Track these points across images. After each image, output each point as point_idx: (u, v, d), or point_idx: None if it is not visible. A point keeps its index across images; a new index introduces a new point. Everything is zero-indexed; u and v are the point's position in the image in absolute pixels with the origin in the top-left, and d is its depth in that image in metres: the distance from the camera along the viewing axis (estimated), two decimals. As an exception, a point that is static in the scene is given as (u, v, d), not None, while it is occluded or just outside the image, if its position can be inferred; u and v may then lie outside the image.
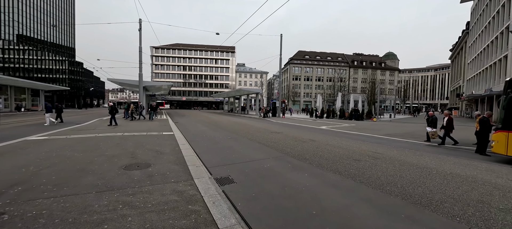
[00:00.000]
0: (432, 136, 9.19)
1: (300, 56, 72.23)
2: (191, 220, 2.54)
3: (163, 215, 2.64)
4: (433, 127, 9.23)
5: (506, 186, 4.02)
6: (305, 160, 5.69)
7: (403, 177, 4.44)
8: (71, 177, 3.91)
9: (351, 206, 3.11)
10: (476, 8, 37.35)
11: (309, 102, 68.73)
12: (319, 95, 31.24)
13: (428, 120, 9.52)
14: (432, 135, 9.17)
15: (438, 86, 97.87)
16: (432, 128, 9.22)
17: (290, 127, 15.12)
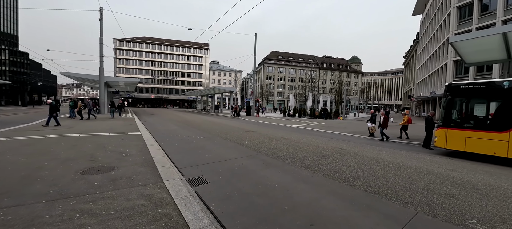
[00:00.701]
0: (371, 130, 10.74)
1: (273, 56, 73.73)
2: (161, 225, 2.42)
3: (129, 221, 2.46)
4: (372, 123, 10.75)
5: (445, 175, 4.72)
6: (278, 158, 5.85)
7: (364, 170, 4.89)
8: (14, 185, 3.38)
9: (320, 200, 3.31)
10: (424, 21, 42.84)
11: (282, 102, 70.68)
12: (292, 95, 32.38)
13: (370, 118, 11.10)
14: (372, 129, 10.72)
15: (394, 89, 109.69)
16: (371, 123, 10.74)
17: (264, 126, 15.37)
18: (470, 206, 3.18)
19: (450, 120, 7.07)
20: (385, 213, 2.94)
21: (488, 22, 23.30)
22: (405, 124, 10.44)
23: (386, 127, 10.19)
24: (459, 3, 26.38)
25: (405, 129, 10.59)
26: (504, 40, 7.67)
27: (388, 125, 11.07)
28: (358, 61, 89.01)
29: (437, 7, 33.10)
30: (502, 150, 5.98)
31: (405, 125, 10.48)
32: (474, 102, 7.01)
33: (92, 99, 28.88)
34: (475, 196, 3.56)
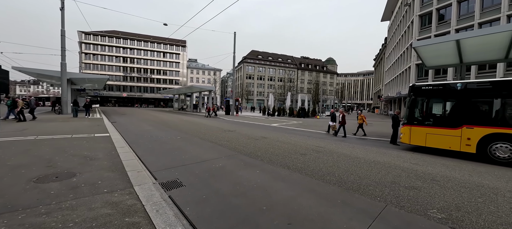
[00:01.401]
0: (333, 128, 11.46)
1: (253, 55, 73.91)
2: (128, 234, 2.21)
3: (91, 233, 2.21)
4: (333, 121, 11.47)
5: (409, 169, 5.12)
6: (257, 157, 5.82)
7: (339, 167, 5.09)
8: None
9: (298, 197, 3.34)
10: (391, 27, 46.44)
11: (262, 101, 71.21)
12: (271, 94, 32.77)
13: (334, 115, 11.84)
14: (333, 127, 11.43)
15: (366, 89, 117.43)
16: (332, 122, 11.48)
17: (244, 125, 15.29)
18: (431, 197, 3.48)
19: (413, 118, 7.72)
20: (358, 207, 3.07)
21: (444, 30, 26.08)
22: (360, 122, 11.70)
23: (344, 124, 10.96)
24: (421, 12, 29.10)
25: (361, 127, 11.69)
26: (457, 47, 8.60)
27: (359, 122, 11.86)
28: (333, 63, 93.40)
29: (402, 14, 36.13)
30: (456, 144, 6.71)
31: (361, 123, 11.68)
32: (433, 102, 7.74)
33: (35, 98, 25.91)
34: (435, 187, 3.91)
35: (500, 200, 3.45)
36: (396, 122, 9.13)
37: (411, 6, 31.32)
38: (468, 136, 6.51)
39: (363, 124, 11.66)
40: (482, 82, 6.58)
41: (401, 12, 37.00)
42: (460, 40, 8.14)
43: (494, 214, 2.95)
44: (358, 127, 11.80)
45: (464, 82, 6.79)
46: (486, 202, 3.35)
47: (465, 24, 24.22)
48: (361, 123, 11.67)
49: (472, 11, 24.01)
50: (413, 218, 2.82)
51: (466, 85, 6.72)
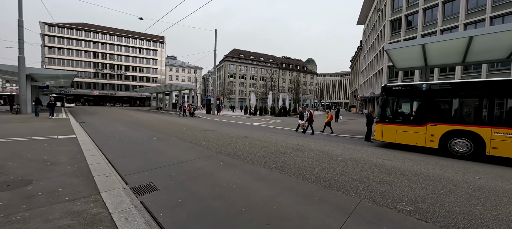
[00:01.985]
0: (301, 126, 11.78)
1: (235, 54, 73.34)
2: (91, 247, 2.00)
3: (45, 248, 1.95)
4: (302, 119, 11.81)
5: (381, 164, 5.43)
6: (237, 157, 5.74)
7: (318, 164, 5.22)
8: None
9: (277, 197, 3.34)
10: (366, 30, 49.18)
11: (244, 100, 71.01)
12: (253, 93, 32.80)
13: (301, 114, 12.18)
14: (302, 125, 11.75)
15: (343, 89, 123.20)
16: (301, 120, 11.82)
17: (225, 124, 15.07)
18: (400, 190, 3.71)
19: (385, 116, 8.22)
20: (334, 204, 3.15)
21: (412, 35, 28.27)
22: (328, 120, 12.20)
23: (312, 121, 11.43)
24: (392, 17, 31.21)
25: (328, 125, 12.20)
26: (422, 51, 9.34)
27: (339, 121, 12.36)
28: (313, 63, 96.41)
29: (375, 19, 38.45)
30: (421, 140, 7.28)
31: (328, 121, 12.18)
32: (402, 101, 8.32)
33: None
34: (404, 181, 4.18)
35: (459, 191, 3.78)
36: (370, 120, 9.66)
37: (383, 12, 33.46)
38: (431, 132, 7.10)
39: (330, 122, 12.20)
40: (443, 83, 7.21)
41: (375, 17, 39.36)
42: (425, 45, 8.85)
43: (454, 204, 3.22)
44: (325, 125, 12.25)
45: (428, 83, 7.38)
46: (447, 193, 3.65)
47: (430, 30, 26.53)
48: (328, 121, 12.17)
49: (435, 19, 26.36)
50: (384, 212, 2.96)
51: (430, 86, 7.32)
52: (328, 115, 12.42)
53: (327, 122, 12.24)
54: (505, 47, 8.47)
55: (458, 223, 2.71)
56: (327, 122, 12.24)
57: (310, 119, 11.39)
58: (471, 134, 6.46)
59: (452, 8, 25.06)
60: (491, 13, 21.77)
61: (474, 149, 6.41)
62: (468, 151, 6.49)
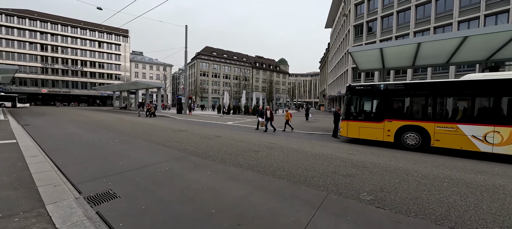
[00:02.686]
0: (261, 124, 11.94)
1: (207, 52, 71.46)
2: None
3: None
4: (261, 117, 11.93)
5: (346, 158, 5.82)
6: (209, 157, 5.56)
7: (289, 161, 5.36)
8: None
9: (249, 196, 3.31)
10: (333, 33, 52.44)
11: (217, 99, 69.74)
12: (226, 92, 32.35)
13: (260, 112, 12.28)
14: (262, 123, 11.91)
15: (313, 88, 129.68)
16: (261, 118, 11.93)
17: (197, 124, 14.56)
18: (362, 182, 4.01)
19: (349, 114, 8.86)
20: (304, 199, 3.26)
21: (372, 40, 31.05)
22: (287, 119, 12.31)
23: (272, 119, 11.59)
24: (355, 23, 33.83)
25: (287, 123, 12.35)
26: (380, 54, 10.30)
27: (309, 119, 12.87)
28: (285, 63, 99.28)
29: (341, 24, 41.28)
30: (380, 135, 8.04)
31: (287, 120, 12.32)
32: (364, 100, 9.05)
33: None
34: (365, 173, 4.54)
35: (410, 179, 4.26)
36: (336, 118, 10.32)
37: (348, 17, 36.08)
38: (388, 128, 7.89)
39: (289, 120, 12.34)
40: (397, 84, 8.06)
41: (340, 21, 42.23)
42: (382, 49, 9.77)
43: (406, 191, 3.61)
44: (285, 123, 12.37)
45: (385, 84, 8.17)
46: (401, 182, 4.08)
47: (386, 36, 29.50)
48: (287, 120, 12.30)
49: (391, 26, 29.39)
50: (349, 203, 3.17)
51: (387, 86, 8.11)
52: (287, 114, 12.49)
53: (286, 120, 12.34)
54: (445, 54, 9.85)
55: (410, 208, 3.03)
56: (286, 120, 12.33)
57: (270, 117, 11.44)
58: (419, 128, 7.36)
59: (404, 17, 28.24)
60: (434, 24, 25.15)
61: (421, 141, 7.31)
62: (417, 143, 7.37)
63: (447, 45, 8.96)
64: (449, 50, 9.38)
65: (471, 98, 6.79)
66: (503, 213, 2.94)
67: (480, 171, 5.00)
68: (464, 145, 6.62)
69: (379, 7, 30.50)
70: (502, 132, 6.12)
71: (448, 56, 10.05)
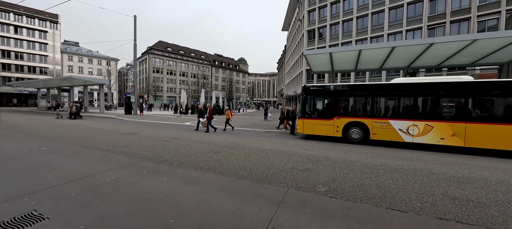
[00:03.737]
0: (203, 124, 11.29)
1: (161, 47, 66.00)
2: None
3: None
4: (202, 117, 11.27)
5: (303, 154, 6.24)
6: (165, 162, 5.12)
7: (251, 160, 5.40)
8: None
9: (210, 200, 3.18)
10: (289, 36, 55.59)
11: (173, 98, 65.28)
12: (183, 91, 30.55)
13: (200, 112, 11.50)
14: (203, 123, 11.25)
15: (272, 88, 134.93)
16: (202, 118, 11.32)
17: (150, 126, 13.27)
18: (317, 175, 4.36)
19: (305, 112, 9.54)
20: (266, 196, 3.32)
21: (323, 45, 34.23)
22: (227, 118, 11.94)
23: (211, 118, 11.03)
24: (308, 28, 36.65)
25: (227, 122, 11.92)
26: (330, 58, 11.42)
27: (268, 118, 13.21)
28: (245, 63, 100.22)
29: (296, 28, 44.13)
30: (331, 131, 8.93)
31: (227, 119, 11.94)
32: (317, 99, 9.88)
33: None
34: (320, 167, 4.95)
35: (356, 169, 4.85)
36: (293, 116, 10.97)
37: (302, 22, 38.83)
38: (337, 124, 8.83)
39: (229, 119, 11.93)
40: (344, 85, 9.09)
41: (295, 26, 45.10)
42: (331, 53, 10.86)
43: (353, 180, 4.09)
44: (226, 122, 11.91)
45: (334, 85, 9.11)
46: (349, 172, 4.60)
47: (334, 42, 32.99)
48: (228, 119, 11.89)
49: (337, 33, 33.00)
50: (307, 196, 3.39)
51: (336, 87, 9.06)
52: (228, 112, 12.01)
53: (227, 119, 11.89)
54: (379, 60, 11.62)
55: (356, 194, 3.44)
56: (227, 119, 11.88)
57: (210, 116, 10.83)
58: (361, 124, 8.48)
59: (348, 26, 32.13)
60: (370, 35, 29.44)
61: (363, 135, 8.45)
62: (360, 137, 8.49)
63: (380, 53, 10.59)
64: (382, 57, 11.11)
65: (397, 98, 8.21)
66: (422, 191, 3.64)
67: (404, 158, 6.09)
68: (394, 137, 7.96)
69: (328, 16, 33.87)
70: (419, 125, 7.61)
71: (381, 62, 11.90)
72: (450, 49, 9.50)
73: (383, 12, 28.62)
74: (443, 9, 24.32)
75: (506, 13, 20.85)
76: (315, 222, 2.61)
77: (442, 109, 7.64)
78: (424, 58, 10.65)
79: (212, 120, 10.93)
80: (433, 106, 7.73)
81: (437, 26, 24.80)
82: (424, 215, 2.84)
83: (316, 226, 2.52)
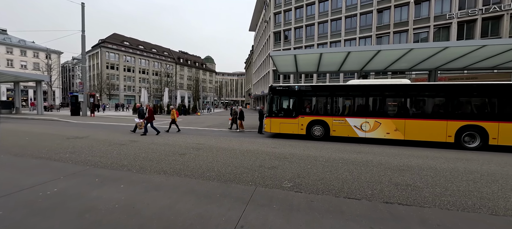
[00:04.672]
0: (139, 126, 9.82)
1: (116, 40, 59.57)
2: None
3: None
4: (140, 118, 9.90)
5: (270, 152, 6.42)
6: (122, 167, 4.65)
7: (218, 161, 5.31)
8: None
9: (175, 204, 3.01)
10: (256, 37, 56.38)
11: (132, 97, 59.75)
12: (144, 90, 28.17)
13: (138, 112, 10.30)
14: (140, 126, 9.80)
15: (240, 88, 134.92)
16: (139, 119, 9.93)
17: (103, 128, 11.86)
18: (284, 171, 4.55)
19: (272, 112, 9.83)
20: (235, 196, 3.31)
21: (288, 47, 35.71)
22: (172, 118, 10.80)
23: (152, 119, 9.63)
24: (274, 30, 37.79)
25: (174, 122, 10.80)
26: (294, 60, 12.01)
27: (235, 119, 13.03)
28: (212, 61, 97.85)
29: (263, 29, 45.04)
30: (296, 129, 9.40)
31: (173, 119, 10.79)
32: (283, 99, 10.29)
33: None
34: (286, 164, 5.17)
35: (318, 164, 5.22)
36: (261, 115, 11.20)
37: (268, 24, 39.85)
38: (301, 123, 9.35)
39: (175, 119, 10.79)
40: (307, 85, 9.68)
41: (262, 26, 46.01)
42: (296, 55, 11.42)
43: (316, 175, 4.39)
44: (171, 123, 10.78)
45: (299, 85, 9.62)
46: (312, 167, 4.92)
47: (298, 44, 34.79)
48: (173, 119, 10.76)
49: (301, 36, 34.88)
50: (274, 192, 3.50)
51: (300, 87, 9.58)
52: (173, 112, 10.87)
53: (172, 119, 10.77)
54: (337, 63, 12.72)
55: (318, 187, 3.71)
56: (172, 119, 10.76)
57: (149, 116, 9.46)
58: (323, 122, 9.16)
59: (311, 30, 34.26)
60: (330, 39, 31.98)
61: (324, 132, 9.14)
62: (322, 134, 9.16)
63: (338, 57, 11.61)
64: (339, 61, 12.19)
65: (352, 98, 9.13)
66: (372, 180, 4.13)
67: (358, 151, 6.81)
68: (350, 133, 8.82)
69: (293, 19, 35.53)
70: (370, 122, 8.61)
71: (339, 65, 13.04)
72: (393, 56, 10.99)
73: (340, 20, 31.41)
74: (388, 21, 27.99)
75: (434, 27, 25.18)
76: (282, 217, 2.72)
77: (387, 107, 8.79)
78: (373, 63, 12.08)
79: (152, 121, 9.56)
80: (380, 105, 8.84)
81: (383, 35, 28.41)
82: (374, 200, 3.23)
83: (282, 221, 2.63)
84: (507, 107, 7.39)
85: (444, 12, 24.64)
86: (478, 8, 22.88)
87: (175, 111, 11.05)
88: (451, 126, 7.81)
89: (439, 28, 25.07)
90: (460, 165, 5.32)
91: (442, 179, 4.26)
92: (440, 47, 9.60)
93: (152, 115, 9.56)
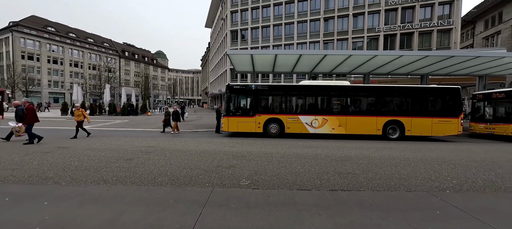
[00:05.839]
0: (15, 133, 7.45)
1: (36, 24, 48.45)
2: None
3: None
4: (18, 120, 7.58)
5: (228, 151, 6.37)
6: (46, 181, 3.81)
7: (172, 164, 4.94)
8: None
9: (120, 217, 2.65)
10: (213, 34, 54.90)
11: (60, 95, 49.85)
12: (77, 86, 23.74)
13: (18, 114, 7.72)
14: (16, 132, 7.44)
15: (196, 86, 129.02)
16: (17, 123, 7.49)
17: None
18: (242, 170, 4.57)
19: (229, 110, 9.76)
20: (190, 200, 3.14)
21: (245, 46, 36.08)
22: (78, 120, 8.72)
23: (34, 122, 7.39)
24: (231, 28, 37.57)
25: (81, 126, 8.80)
26: (251, 59, 12.22)
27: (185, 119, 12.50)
28: (164, 57, 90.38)
29: (220, 26, 44.21)
30: (253, 127, 9.60)
31: (80, 121, 8.75)
32: (240, 98, 10.34)
33: None
34: (244, 162, 5.21)
35: (274, 160, 5.46)
36: (218, 114, 10.98)
37: (225, 22, 39.36)
38: (258, 121, 9.61)
39: (83, 122, 8.80)
40: (264, 85, 10.00)
41: (219, 24, 45.13)
42: (252, 55, 11.64)
43: (271, 170, 4.58)
44: (78, 127, 8.65)
45: (256, 84, 9.84)
46: (268, 164, 5.11)
47: (255, 44, 35.57)
48: (82, 121, 8.74)
49: (258, 37, 35.76)
50: (231, 191, 3.48)
51: (257, 87, 9.81)
52: (79, 112, 8.74)
53: (79, 121, 8.68)
54: (290, 65, 13.57)
55: (274, 182, 3.88)
56: (79, 122, 8.68)
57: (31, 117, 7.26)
58: (278, 120, 9.63)
59: (266, 32, 35.49)
60: (284, 42, 33.85)
61: (280, 130, 9.62)
62: (277, 131, 9.62)
63: (291, 59, 12.39)
64: (292, 62, 13.04)
65: (304, 97, 9.91)
66: (320, 171, 4.58)
67: (309, 146, 7.45)
68: (302, 129, 9.56)
69: (249, 19, 36.07)
70: (318, 119, 9.52)
71: (292, 66, 13.94)
72: (337, 60, 12.44)
73: (293, 24, 33.61)
74: (332, 29, 31.52)
75: (367, 38, 29.68)
76: (240, 215, 2.72)
77: (332, 106, 9.90)
78: (321, 66, 13.40)
79: (33, 124, 7.34)
80: (327, 104, 9.89)
81: (329, 42, 31.85)
82: (322, 189, 3.59)
83: (240, 218, 2.64)
84: (417, 105, 9.39)
85: (374, 25, 29.38)
86: (398, 25, 28.18)
87: (82, 111, 8.80)
88: (380, 121, 9.39)
89: (371, 39, 29.74)
90: (386, 153, 6.44)
91: (373, 165, 5.07)
92: (371, 55, 11.38)
93: (34, 116, 7.30)
